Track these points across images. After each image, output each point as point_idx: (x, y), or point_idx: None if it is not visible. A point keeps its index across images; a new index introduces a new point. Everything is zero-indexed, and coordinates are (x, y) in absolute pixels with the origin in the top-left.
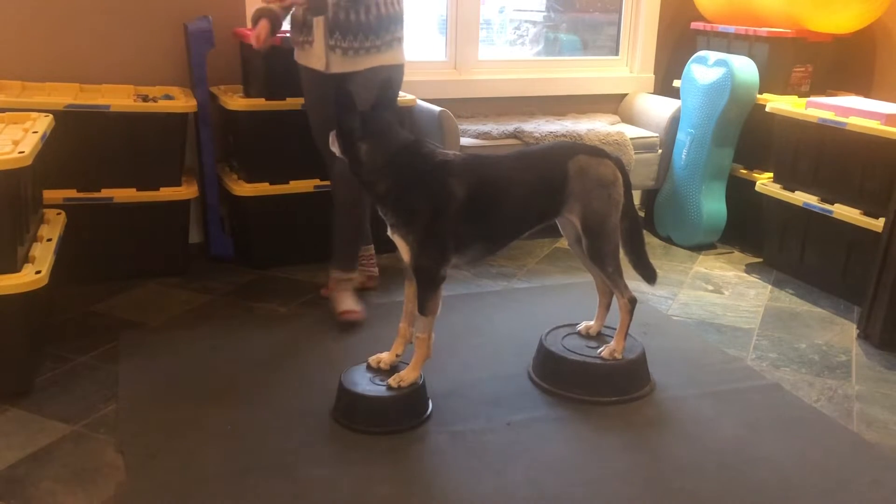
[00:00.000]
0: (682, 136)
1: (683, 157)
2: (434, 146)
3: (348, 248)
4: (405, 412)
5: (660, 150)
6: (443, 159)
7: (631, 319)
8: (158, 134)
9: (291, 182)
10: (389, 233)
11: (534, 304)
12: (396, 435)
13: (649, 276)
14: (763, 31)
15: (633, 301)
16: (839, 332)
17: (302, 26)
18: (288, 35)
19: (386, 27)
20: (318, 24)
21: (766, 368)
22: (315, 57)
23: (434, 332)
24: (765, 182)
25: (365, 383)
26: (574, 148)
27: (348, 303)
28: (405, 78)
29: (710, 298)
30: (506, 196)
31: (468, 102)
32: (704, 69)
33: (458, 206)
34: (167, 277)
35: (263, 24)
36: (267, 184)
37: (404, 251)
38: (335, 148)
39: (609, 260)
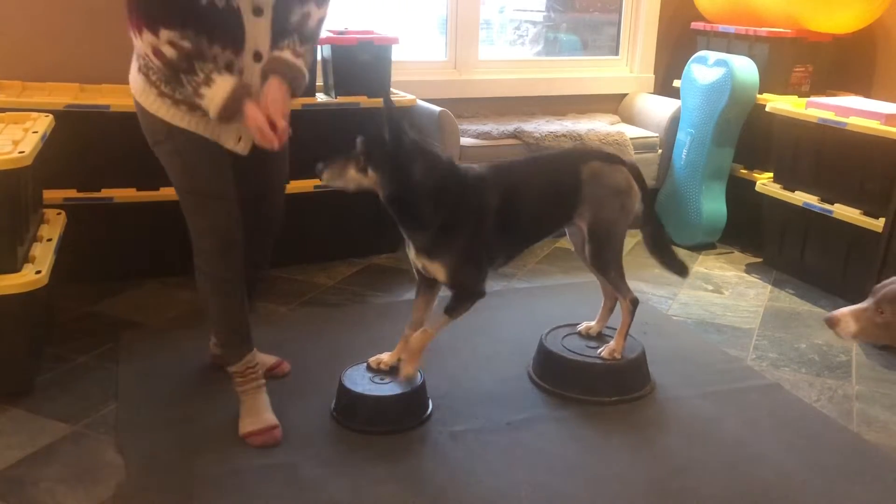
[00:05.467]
0: (682, 136)
1: (683, 157)
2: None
3: (231, 334)
4: (405, 412)
5: (660, 150)
6: (477, 174)
7: (632, 320)
8: None
9: (291, 182)
10: (415, 256)
11: (534, 304)
12: (396, 435)
13: (681, 271)
14: (763, 31)
15: (635, 302)
16: None
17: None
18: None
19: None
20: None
21: (766, 368)
22: (234, 130)
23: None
24: (765, 182)
25: (365, 383)
26: (588, 153)
27: (246, 421)
28: (406, 78)
29: (710, 298)
30: (528, 203)
31: (468, 102)
32: (704, 69)
33: (493, 218)
34: (167, 277)
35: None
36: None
37: (439, 271)
38: (341, 181)
39: (612, 265)
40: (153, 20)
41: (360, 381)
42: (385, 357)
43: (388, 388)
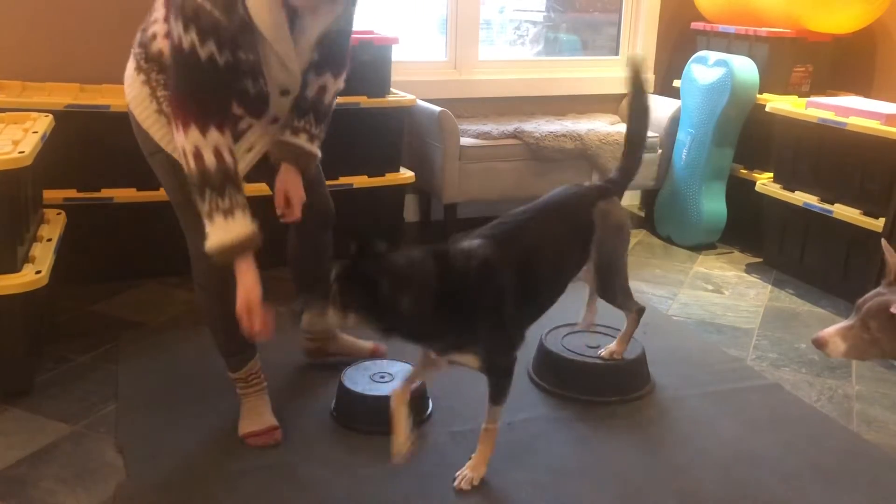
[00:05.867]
0: (682, 136)
1: (683, 157)
2: (456, 246)
3: (230, 346)
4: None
5: (660, 150)
6: (481, 258)
7: (637, 326)
8: None
9: None
10: (436, 354)
11: None
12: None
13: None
14: (763, 31)
15: (641, 311)
16: None
17: None
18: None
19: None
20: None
21: (766, 368)
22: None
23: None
24: (765, 182)
25: (365, 383)
26: (591, 194)
27: (246, 422)
28: (406, 78)
29: (710, 298)
30: (545, 265)
31: (468, 102)
32: (704, 69)
33: (512, 296)
34: (167, 277)
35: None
36: (265, 183)
37: (471, 362)
38: (324, 325)
39: (619, 292)
40: (205, 116)
41: (360, 380)
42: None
43: (388, 388)
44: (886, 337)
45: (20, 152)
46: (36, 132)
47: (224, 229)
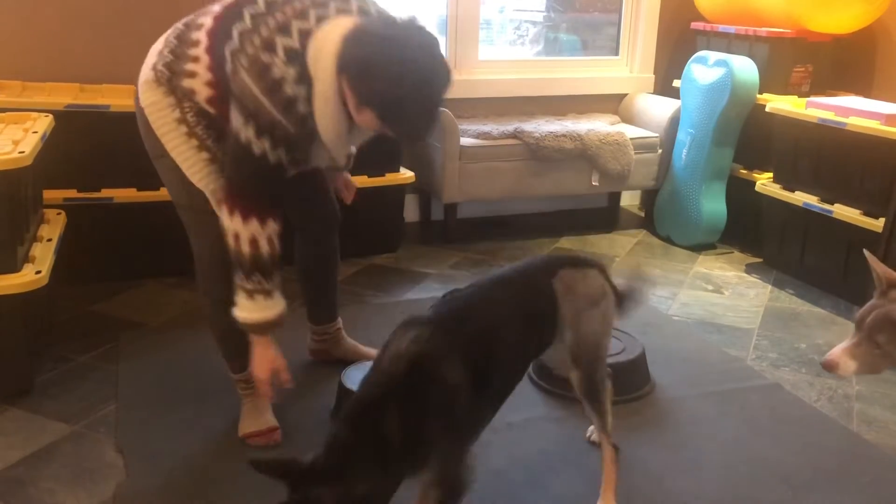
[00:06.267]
0: (682, 136)
1: (683, 157)
2: (386, 354)
3: (234, 349)
4: None
5: (660, 150)
6: (421, 360)
7: (617, 467)
8: None
9: None
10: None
11: None
12: None
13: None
14: (763, 31)
15: (617, 448)
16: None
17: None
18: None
19: None
20: None
21: (766, 368)
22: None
23: None
24: (765, 182)
25: None
26: (554, 262)
27: (247, 422)
28: None
29: (710, 298)
30: (500, 351)
31: (468, 102)
32: (704, 69)
33: (463, 395)
34: (167, 277)
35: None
36: None
37: (429, 479)
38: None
39: (602, 392)
40: (266, 210)
41: (360, 380)
42: None
43: None
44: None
45: (20, 152)
46: (36, 132)
47: (265, 308)
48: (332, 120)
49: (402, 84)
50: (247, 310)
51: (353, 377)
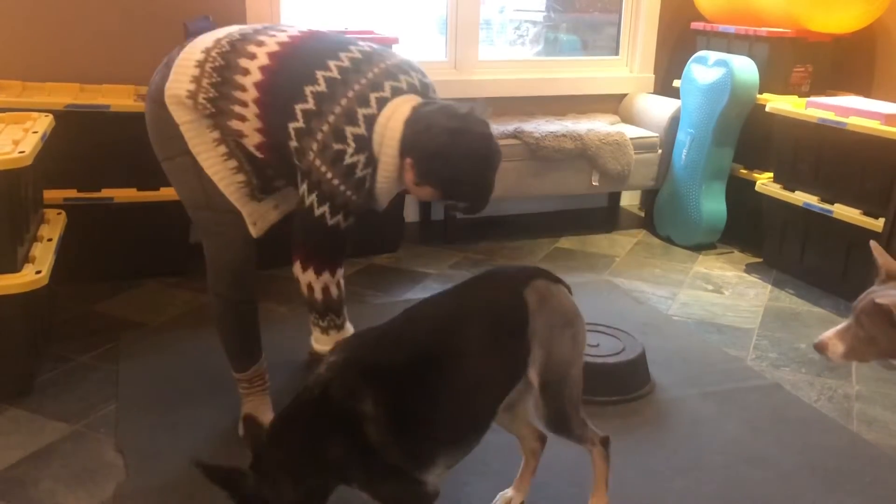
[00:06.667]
0: (682, 136)
1: (683, 157)
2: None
3: (241, 350)
4: None
5: (660, 150)
6: (322, 382)
7: (608, 462)
8: None
9: None
10: None
11: None
12: None
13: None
14: (763, 31)
15: (607, 442)
16: None
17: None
18: None
19: None
20: None
21: (766, 368)
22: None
23: None
24: (765, 182)
25: None
26: (527, 271)
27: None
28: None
29: (710, 298)
30: (450, 371)
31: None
32: (704, 69)
33: (386, 421)
34: (167, 277)
35: None
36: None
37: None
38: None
39: (574, 423)
40: (334, 262)
41: None
42: None
43: None
44: (880, 332)
45: (20, 152)
46: (36, 132)
47: (328, 342)
48: (389, 190)
49: (466, 172)
50: (323, 343)
51: None
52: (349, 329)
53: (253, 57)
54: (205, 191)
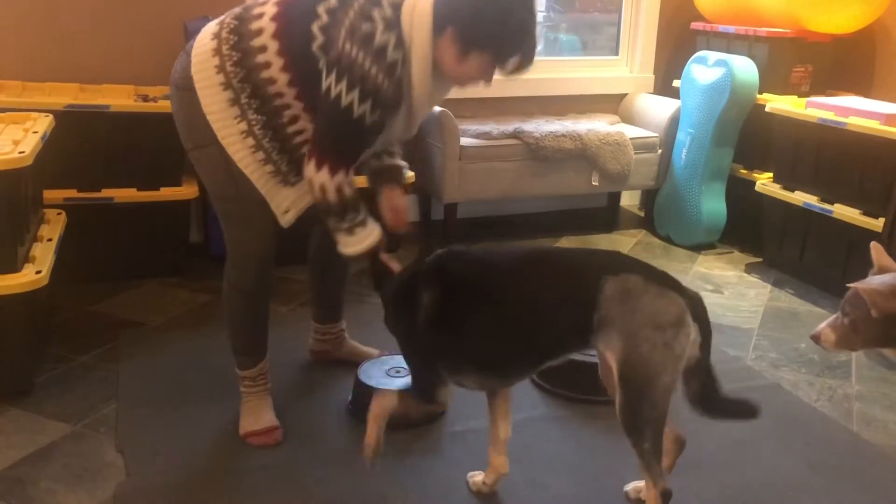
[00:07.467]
0: (682, 136)
1: (683, 157)
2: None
3: (249, 344)
4: None
5: (660, 150)
6: (413, 268)
7: None
8: (158, 134)
9: None
10: None
11: None
12: (397, 435)
13: (749, 412)
14: (763, 31)
15: (667, 495)
16: None
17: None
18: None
19: None
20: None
21: (766, 368)
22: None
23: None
24: (765, 182)
25: (380, 377)
26: (623, 263)
27: (247, 421)
28: None
29: (710, 298)
30: (502, 308)
31: (468, 102)
32: (704, 69)
33: (429, 317)
34: (167, 277)
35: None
36: None
37: None
38: None
39: (648, 432)
40: (351, 161)
41: (375, 374)
42: (478, 479)
43: (403, 383)
44: (860, 318)
45: (20, 152)
46: (36, 132)
47: (367, 236)
48: (426, 78)
49: (514, 18)
50: (352, 245)
51: (369, 372)
52: (375, 225)
53: (261, 16)
54: (235, 181)
